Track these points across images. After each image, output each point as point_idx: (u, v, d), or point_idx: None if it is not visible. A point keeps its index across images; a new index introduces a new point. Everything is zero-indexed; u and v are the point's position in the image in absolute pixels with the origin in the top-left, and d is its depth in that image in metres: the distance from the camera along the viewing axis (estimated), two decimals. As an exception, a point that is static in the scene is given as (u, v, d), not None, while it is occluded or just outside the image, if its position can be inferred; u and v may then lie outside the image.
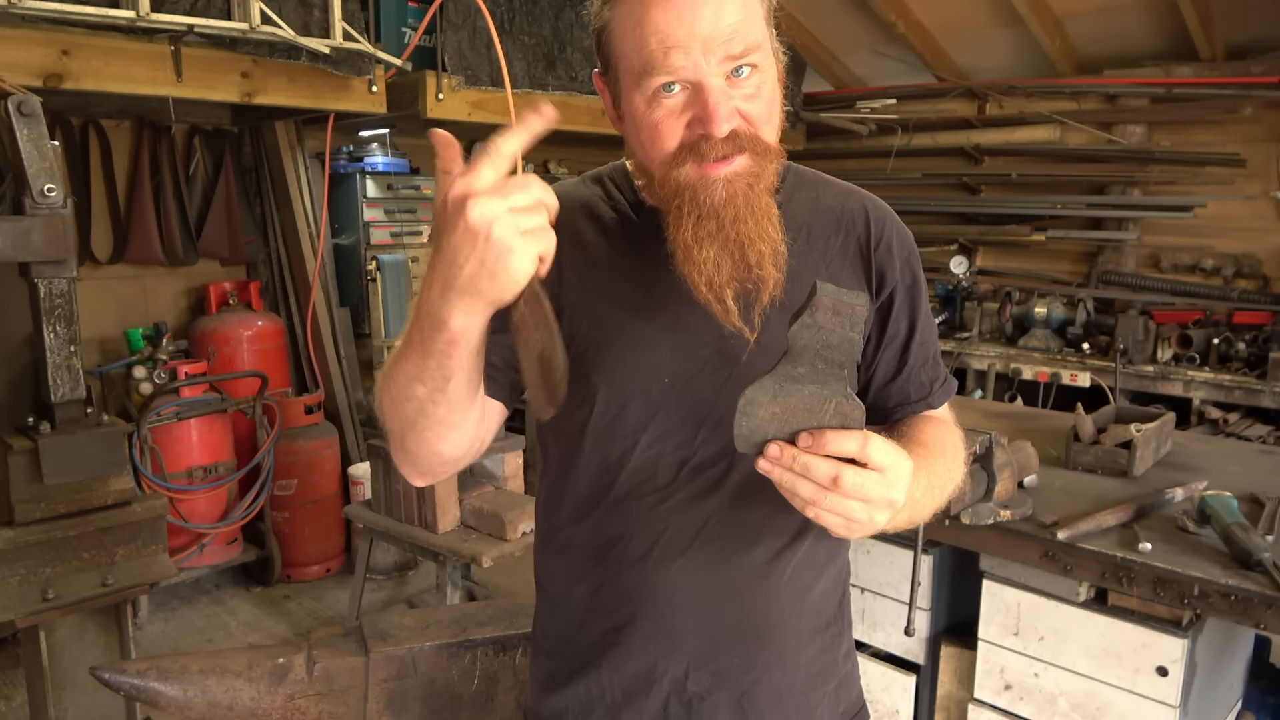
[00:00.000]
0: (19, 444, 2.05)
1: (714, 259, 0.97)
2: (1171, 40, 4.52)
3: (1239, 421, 3.99)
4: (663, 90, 0.94)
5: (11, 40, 2.75)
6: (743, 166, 0.96)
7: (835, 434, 0.82)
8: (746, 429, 0.83)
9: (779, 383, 0.81)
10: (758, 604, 1.08)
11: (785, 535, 1.08)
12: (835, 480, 0.81)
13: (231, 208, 4.34)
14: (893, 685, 2.20)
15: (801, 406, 0.82)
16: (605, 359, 1.05)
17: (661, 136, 0.96)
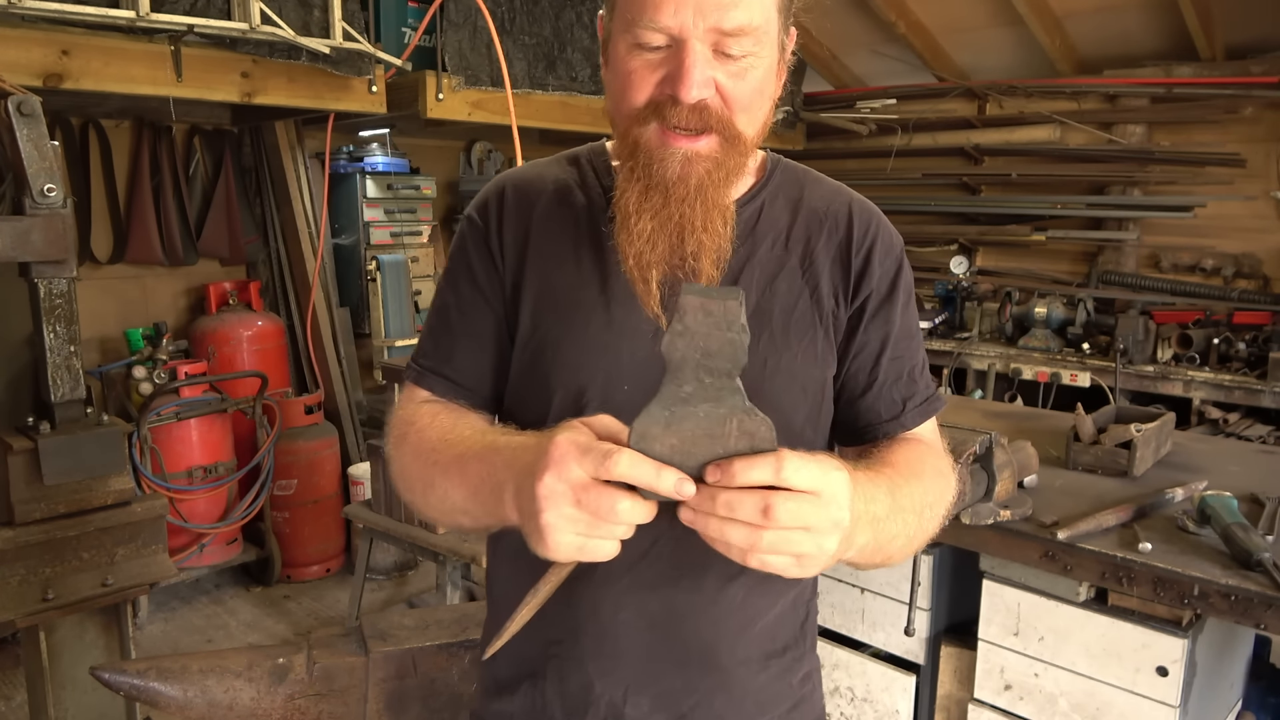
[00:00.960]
0: (19, 444, 2.05)
1: (650, 234, 0.92)
2: (1171, 40, 4.52)
3: (1239, 421, 3.99)
4: (647, 41, 0.89)
5: (11, 40, 2.75)
6: (707, 148, 0.91)
7: (744, 462, 0.71)
8: None
9: (668, 407, 0.71)
10: (703, 630, 1.03)
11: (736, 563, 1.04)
12: (766, 512, 0.70)
13: (231, 208, 4.34)
14: (893, 685, 2.20)
15: (700, 432, 0.71)
16: (565, 360, 1.00)
17: (633, 86, 0.91)
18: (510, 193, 1.08)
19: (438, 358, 1.08)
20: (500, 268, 1.05)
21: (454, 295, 1.08)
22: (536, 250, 1.04)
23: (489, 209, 1.08)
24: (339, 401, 4.49)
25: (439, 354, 1.08)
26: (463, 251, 1.09)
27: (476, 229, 1.08)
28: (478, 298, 1.06)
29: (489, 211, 1.08)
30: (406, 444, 1.02)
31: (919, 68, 5.35)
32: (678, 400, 0.71)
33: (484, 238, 1.07)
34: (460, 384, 1.07)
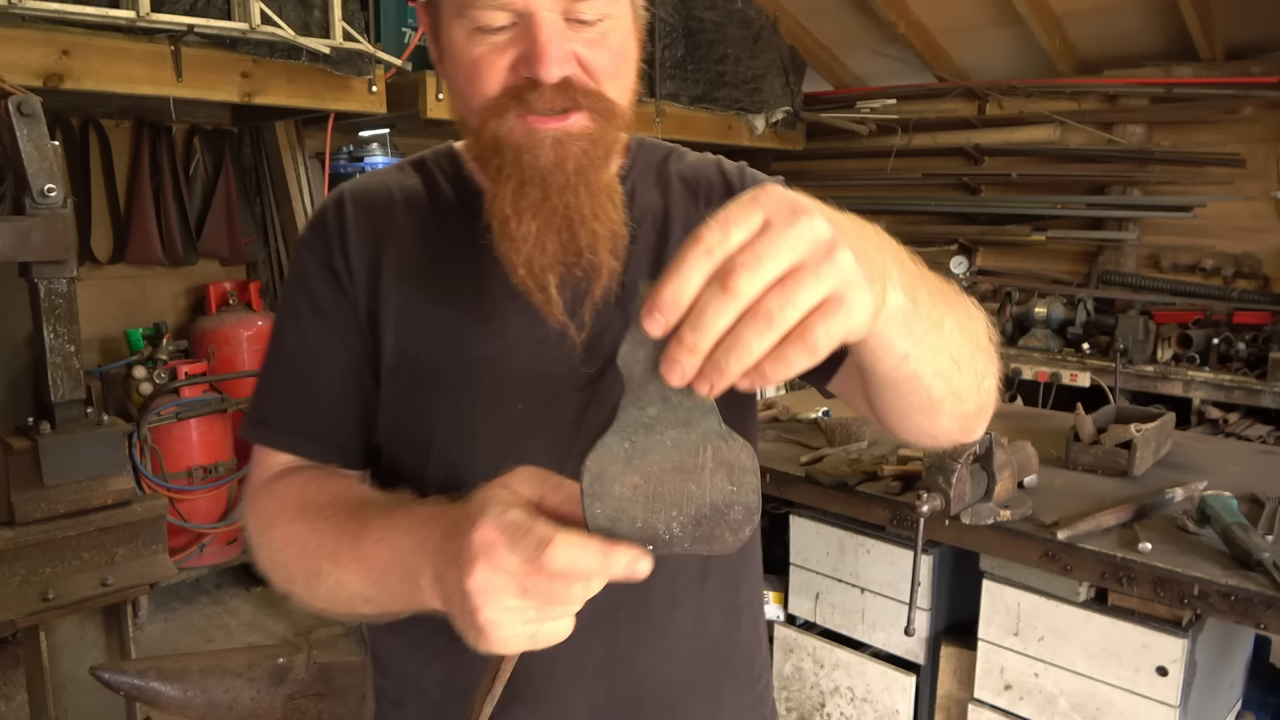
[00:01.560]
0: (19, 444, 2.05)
1: (536, 235, 0.80)
2: (1171, 40, 4.52)
3: (1239, 421, 3.99)
4: (488, 22, 0.78)
5: (11, 40, 2.75)
6: (578, 126, 0.79)
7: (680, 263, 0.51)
8: (605, 518, 0.59)
9: (628, 437, 0.58)
10: (656, 666, 0.91)
11: (683, 579, 0.92)
12: (727, 285, 0.49)
13: (231, 208, 4.34)
14: (893, 685, 2.20)
15: (669, 466, 0.58)
16: (442, 390, 0.87)
17: (481, 77, 0.79)
18: (351, 206, 0.93)
19: (290, 411, 0.91)
20: (350, 293, 0.90)
21: (298, 333, 0.92)
22: (391, 268, 0.90)
23: (328, 227, 0.92)
24: (339, 401, 4.49)
25: (291, 406, 0.91)
26: (303, 280, 0.92)
27: (316, 253, 0.92)
28: (328, 332, 0.90)
29: (329, 230, 0.92)
30: (275, 530, 0.84)
31: (919, 68, 5.35)
32: (640, 427, 0.57)
33: (326, 261, 0.91)
34: (325, 440, 0.91)
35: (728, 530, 0.59)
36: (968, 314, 0.71)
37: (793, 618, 2.42)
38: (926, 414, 0.71)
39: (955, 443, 0.81)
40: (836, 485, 2.15)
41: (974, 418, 0.76)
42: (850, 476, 2.15)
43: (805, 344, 0.50)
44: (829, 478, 2.17)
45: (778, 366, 0.50)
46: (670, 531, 0.59)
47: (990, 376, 0.76)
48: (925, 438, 0.78)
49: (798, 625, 2.41)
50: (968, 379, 0.70)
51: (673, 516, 0.59)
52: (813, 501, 2.23)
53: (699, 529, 0.59)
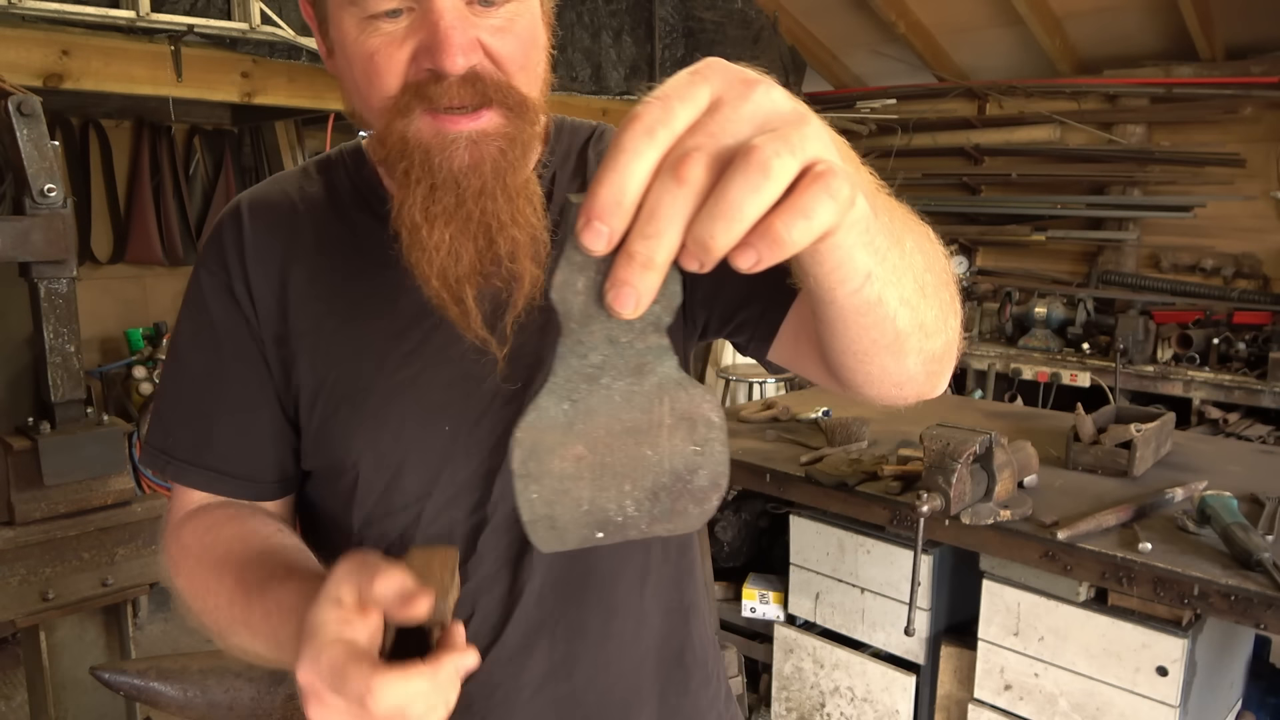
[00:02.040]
0: (19, 444, 2.05)
1: (450, 244, 0.73)
2: (1171, 40, 4.52)
3: (1239, 421, 3.99)
4: (383, 12, 0.70)
5: (11, 40, 2.75)
6: (493, 125, 0.72)
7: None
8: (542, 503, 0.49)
9: (567, 395, 0.47)
10: (597, 677, 0.88)
11: (621, 588, 0.88)
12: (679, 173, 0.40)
13: (231, 208, 4.35)
14: (893, 685, 2.20)
15: (619, 428, 0.48)
16: (364, 414, 0.81)
17: (378, 72, 0.72)
18: (250, 222, 0.86)
19: (194, 444, 0.86)
20: (253, 321, 0.84)
21: (199, 360, 0.86)
22: (299, 290, 0.84)
23: (225, 248, 0.86)
24: (339, 401, 4.49)
25: (194, 438, 0.86)
26: (199, 305, 0.86)
27: (214, 275, 0.86)
28: (231, 360, 0.85)
29: (226, 250, 0.86)
30: (180, 579, 0.81)
31: (919, 68, 5.35)
32: (582, 379, 0.47)
33: (226, 286, 0.85)
34: (232, 474, 0.86)
35: (691, 502, 0.50)
36: (926, 235, 0.62)
37: (793, 618, 2.42)
38: (891, 353, 0.62)
39: (919, 396, 0.71)
40: (836, 485, 2.15)
41: (940, 360, 0.67)
42: (850, 476, 2.15)
43: (773, 237, 0.40)
44: (829, 478, 2.17)
45: (763, 249, 0.40)
46: (624, 511, 0.49)
47: (955, 313, 0.67)
48: (889, 387, 0.68)
49: (798, 625, 2.41)
50: (934, 310, 0.62)
51: (626, 492, 0.49)
52: (813, 501, 2.23)
53: (657, 504, 0.49)
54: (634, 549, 0.89)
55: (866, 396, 0.71)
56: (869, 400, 0.71)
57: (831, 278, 0.51)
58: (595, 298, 0.44)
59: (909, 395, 0.70)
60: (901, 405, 0.72)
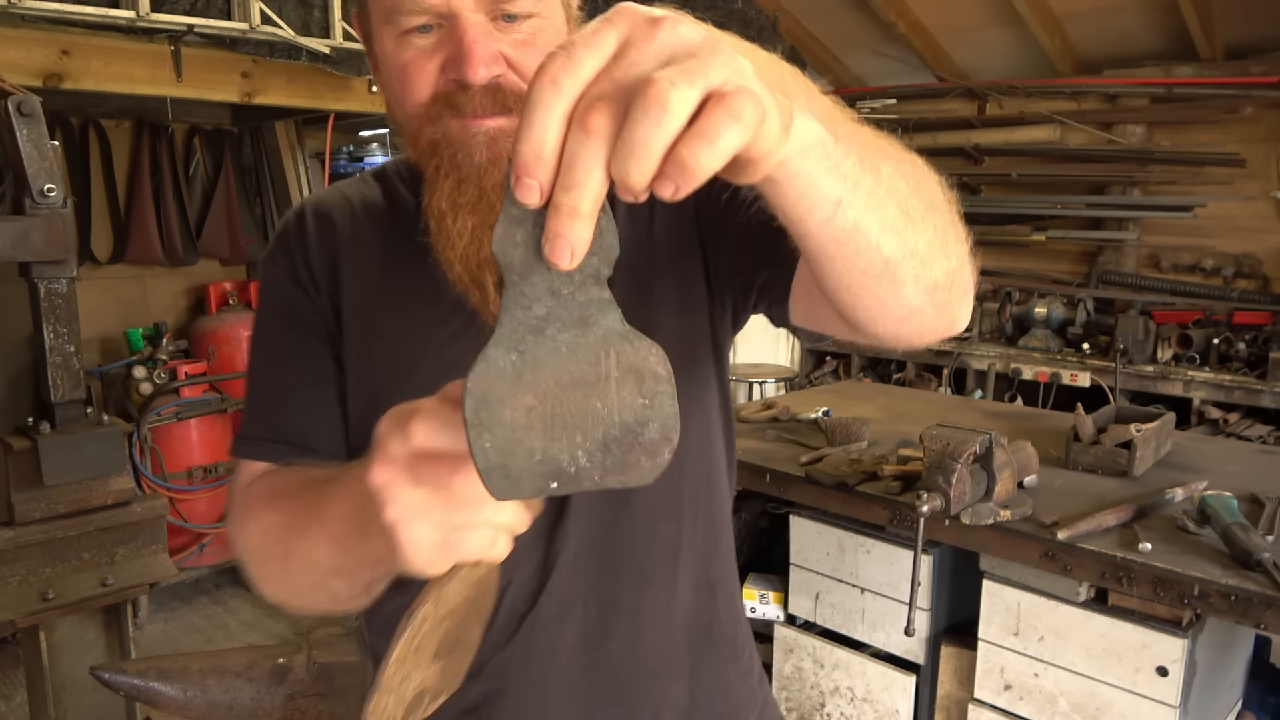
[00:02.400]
0: (19, 444, 2.05)
1: (472, 232, 0.79)
2: (1171, 40, 4.52)
3: (1239, 421, 3.99)
4: (415, 28, 0.77)
5: (11, 40, 2.75)
6: (511, 124, 0.76)
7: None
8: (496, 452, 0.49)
9: (514, 346, 0.48)
10: (632, 648, 0.91)
11: (652, 561, 0.92)
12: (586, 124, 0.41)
13: (231, 208, 4.35)
14: (893, 685, 2.20)
15: (567, 379, 0.49)
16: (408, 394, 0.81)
17: (411, 83, 0.79)
18: (311, 219, 0.95)
19: (271, 423, 0.91)
20: (317, 301, 0.92)
21: (274, 344, 0.93)
22: (349, 281, 0.91)
23: (290, 241, 0.94)
24: (339, 401, 4.49)
25: (272, 418, 0.91)
26: (272, 295, 0.95)
27: (280, 267, 0.94)
28: (306, 339, 0.91)
29: (290, 243, 0.94)
30: (250, 525, 0.82)
31: (919, 68, 5.35)
32: (527, 330, 0.48)
33: (291, 274, 0.93)
34: (301, 444, 0.89)
35: (643, 454, 0.50)
36: (912, 162, 0.62)
37: (793, 618, 2.42)
38: (885, 282, 0.60)
39: (934, 331, 0.69)
40: (836, 485, 2.15)
41: (947, 289, 0.65)
42: (850, 476, 2.15)
43: (681, 165, 0.40)
44: (829, 478, 2.17)
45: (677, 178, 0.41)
46: (576, 462, 0.49)
47: (957, 239, 0.65)
48: (895, 323, 0.66)
49: (798, 625, 2.41)
50: (925, 235, 0.60)
51: (577, 443, 0.49)
52: (813, 501, 2.23)
53: (609, 456, 0.50)
54: (665, 523, 0.92)
55: (880, 337, 0.69)
56: (887, 342, 0.70)
57: (798, 208, 0.52)
58: (535, 250, 0.46)
59: (922, 330, 0.68)
60: (922, 344, 0.71)
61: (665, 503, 0.92)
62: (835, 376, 5.45)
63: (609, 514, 0.90)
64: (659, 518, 0.92)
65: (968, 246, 0.67)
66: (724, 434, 1.00)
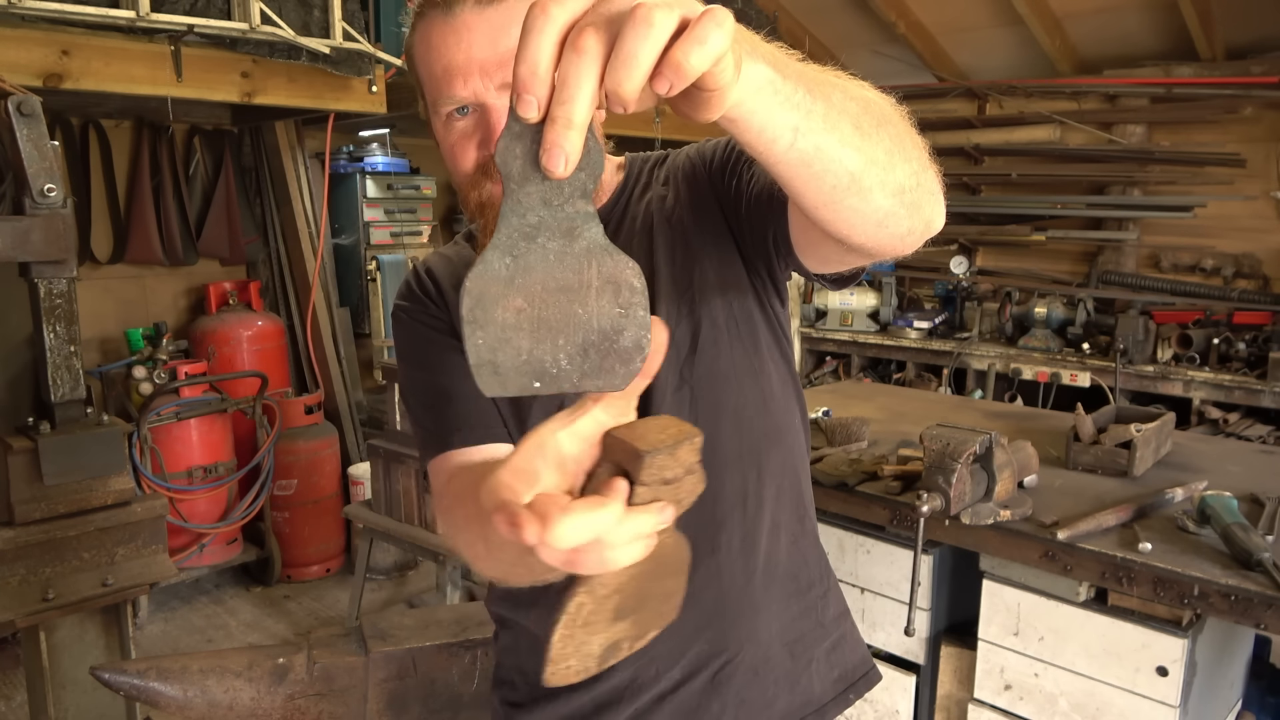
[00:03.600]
0: (19, 444, 2.05)
1: None
2: (1171, 40, 4.52)
3: (1239, 421, 3.99)
4: (455, 113, 0.95)
5: (11, 40, 2.75)
6: None
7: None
8: (487, 348, 0.54)
9: (509, 251, 0.53)
10: (710, 582, 1.05)
11: (723, 505, 1.05)
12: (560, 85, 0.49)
13: (231, 208, 4.34)
14: (893, 685, 2.20)
15: (553, 285, 0.53)
16: (512, 405, 1.04)
17: (457, 158, 0.97)
18: (423, 273, 1.14)
19: (444, 421, 1.04)
20: (443, 319, 1.09)
21: (421, 370, 1.08)
22: (456, 316, 1.06)
23: (413, 289, 1.13)
24: (339, 401, 4.49)
25: (443, 417, 1.04)
26: (407, 333, 1.11)
27: (410, 312, 1.11)
28: (445, 354, 1.06)
29: (414, 291, 1.13)
30: (455, 514, 0.92)
31: (919, 68, 5.35)
32: (521, 236, 0.53)
33: (423, 310, 1.10)
34: (472, 424, 1.02)
35: (618, 361, 0.54)
36: (861, 87, 0.72)
37: (793, 618, 2.42)
38: (854, 192, 0.68)
39: (911, 231, 0.76)
40: (836, 485, 2.15)
41: (914, 190, 0.72)
42: (850, 476, 2.15)
43: (675, 64, 0.47)
44: (829, 478, 2.17)
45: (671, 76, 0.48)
46: (558, 364, 0.54)
47: (913, 145, 0.73)
48: (873, 227, 0.73)
49: (798, 625, 2.41)
50: (883, 145, 0.68)
51: (559, 345, 0.54)
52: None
53: (587, 360, 0.54)
54: (732, 473, 1.05)
55: (866, 246, 0.76)
56: (874, 250, 0.78)
57: (761, 139, 0.60)
58: (532, 162, 0.51)
59: (901, 232, 0.75)
60: (904, 248, 0.78)
61: (730, 455, 1.06)
62: (835, 376, 5.44)
63: None
64: (726, 469, 1.05)
65: (926, 151, 0.76)
66: (784, 393, 1.11)
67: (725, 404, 1.05)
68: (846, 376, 5.37)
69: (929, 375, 5.06)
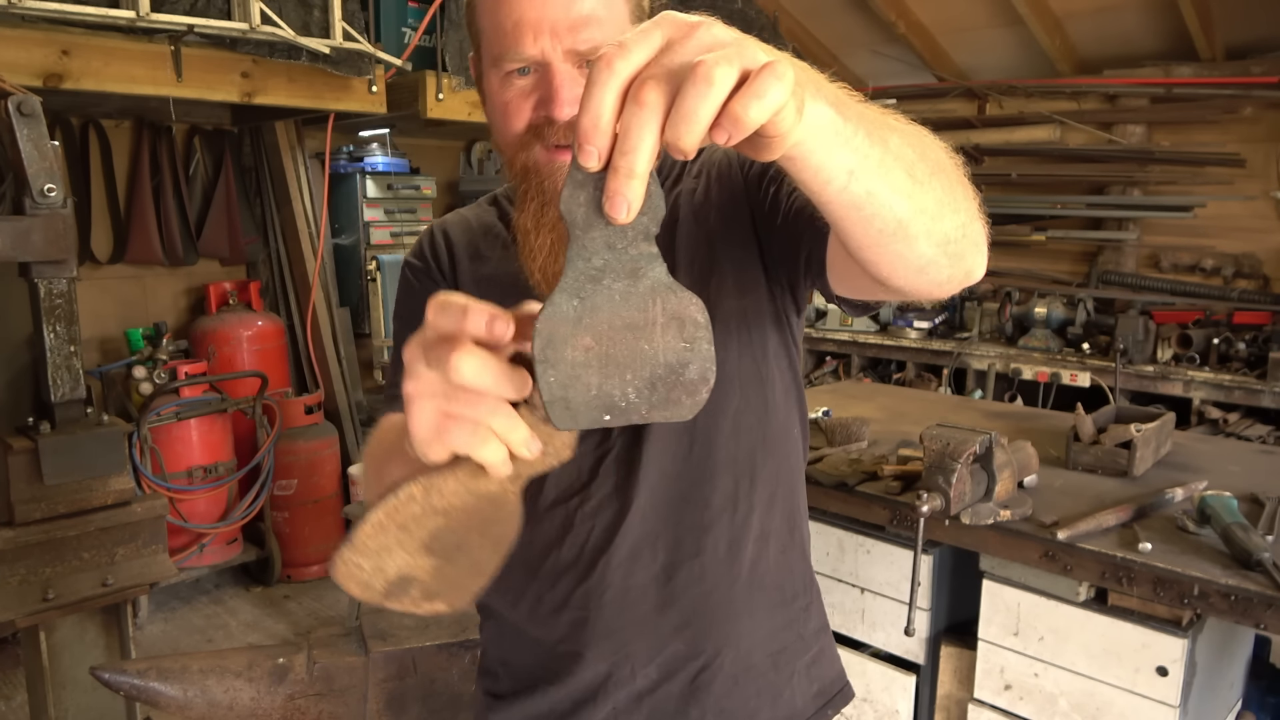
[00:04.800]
0: (19, 444, 2.05)
1: (550, 247, 0.96)
2: (1171, 40, 4.52)
3: (1239, 421, 3.99)
4: (516, 72, 0.94)
5: (11, 40, 2.75)
6: None
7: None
8: (559, 385, 0.55)
9: (576, 294, 0.55)
10: (692, 585, 1.05)
11: (711, 510, 1.05)
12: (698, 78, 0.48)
13: (231, 208, 4.34)
14: (893, 685, 2.20)
15: (620, 324, 0.55)
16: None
17: (509, 116, 0.96)
18: (439, 235, 1.16)
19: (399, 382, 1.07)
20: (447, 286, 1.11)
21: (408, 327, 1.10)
22: (464, 275, 1.11)
23: (424, 250, 1.17)
24: (339, 401, 4.49)
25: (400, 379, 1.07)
26: (407, 289, 1.15)
27: (417, 268, 1.15)
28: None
29: (424, 252, 1.16)
30: (366, 454, 0.96)
31: (919, 68, 5.35)
32: (587, 279, 0.55)
33: (425, 272, 1.14)
34: None
35: (684, 393, 0.57)
36: (917, 133, 0.71)
37: (793, 618, 2.42)
38: (900, 238, 0.68)
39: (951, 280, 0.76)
40: (836, 485, 2.15)
41: (958, 242, 0.73)
42: (850, 476, 2.15)
43: (734, 117, 0.48)
44: (829, 478, 2.17)
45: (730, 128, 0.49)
46: (626, 397, 0.56)
47: (965, 197, 0.73)
48: (914, 273, 0.73)
49: (798, 625, 2.41)
50: (933, 194, 0.68)
51: (627, 380, 0.56)
52: (813, 501, 2.22)
53: (655, 393, 0.57)
54: (723, 478, 1.06)
55: (903, 289, 0.77)
56: (910, 293, 0.79)
57: (816, 180, 0.60)
58: (595, 209, 0.53)
59: (939, 280, 0.75)
60: (941, 294, 0.79)
61: (724, 460, 1.05)
62: (835, 376, 5.44)
63: (676, 468, 1.04)
64: (719, 472, 1.05)
65: (976, 203, 0.75)
66: (785, 403, 1.11)
67: (725, 407, 1.04)
68: (846, 376, 5.37)
69: (929, 375, 5.06)
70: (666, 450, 1.03)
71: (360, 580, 0.64)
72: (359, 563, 0.63)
